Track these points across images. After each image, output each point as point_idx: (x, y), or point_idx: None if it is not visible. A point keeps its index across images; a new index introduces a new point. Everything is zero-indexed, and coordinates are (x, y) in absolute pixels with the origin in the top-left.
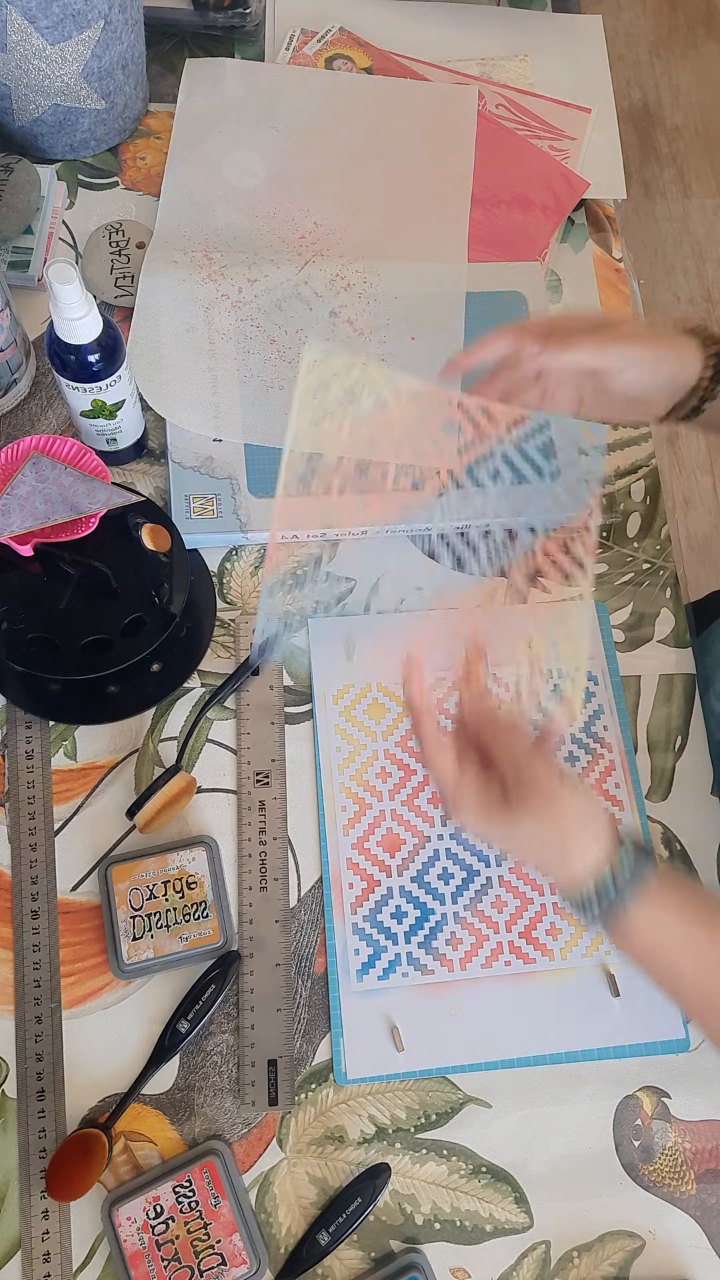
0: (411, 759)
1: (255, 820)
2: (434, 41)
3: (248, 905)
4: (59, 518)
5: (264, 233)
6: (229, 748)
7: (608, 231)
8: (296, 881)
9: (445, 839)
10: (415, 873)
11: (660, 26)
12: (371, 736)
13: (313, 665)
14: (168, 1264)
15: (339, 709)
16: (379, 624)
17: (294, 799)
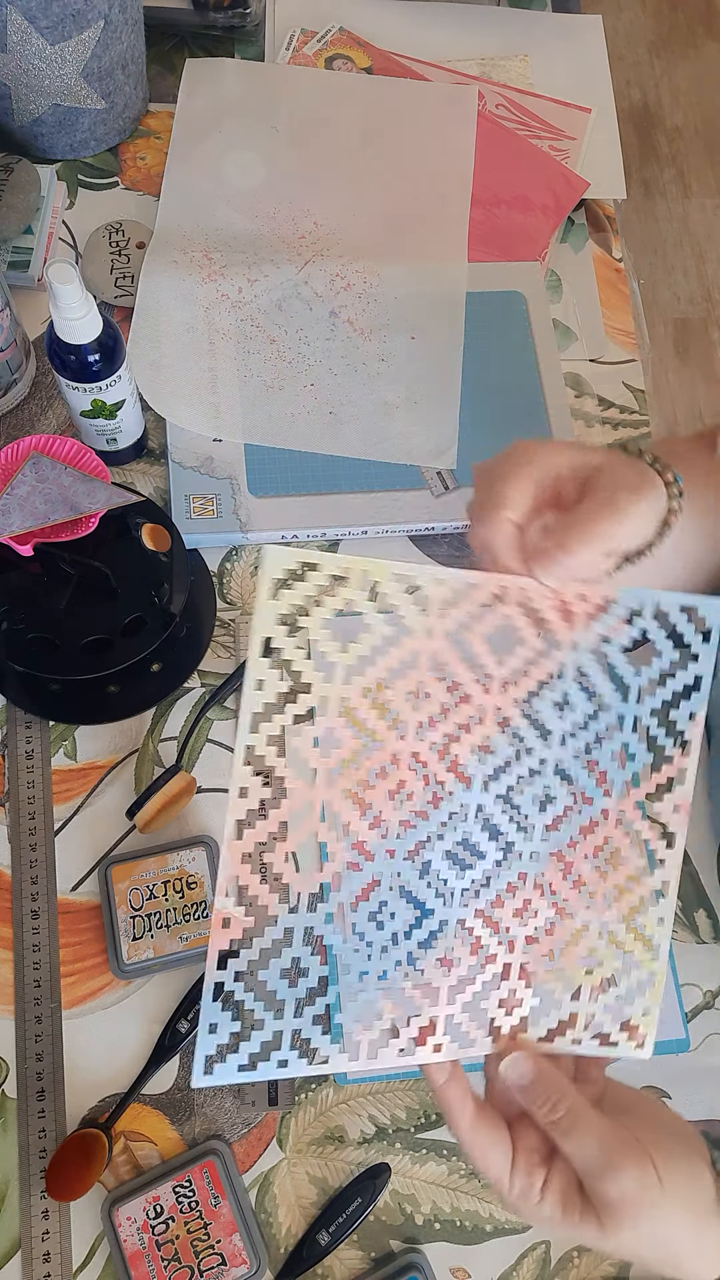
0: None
1: (255, 820)
2: (434, 41)
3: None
4: (59, 518)
5: (264, 233)
6: (229, 748)
7: (608, 231)
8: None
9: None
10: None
11: (660, 26)
12: (372, 736)
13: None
14: (168, 1264)
15: (339, 709)
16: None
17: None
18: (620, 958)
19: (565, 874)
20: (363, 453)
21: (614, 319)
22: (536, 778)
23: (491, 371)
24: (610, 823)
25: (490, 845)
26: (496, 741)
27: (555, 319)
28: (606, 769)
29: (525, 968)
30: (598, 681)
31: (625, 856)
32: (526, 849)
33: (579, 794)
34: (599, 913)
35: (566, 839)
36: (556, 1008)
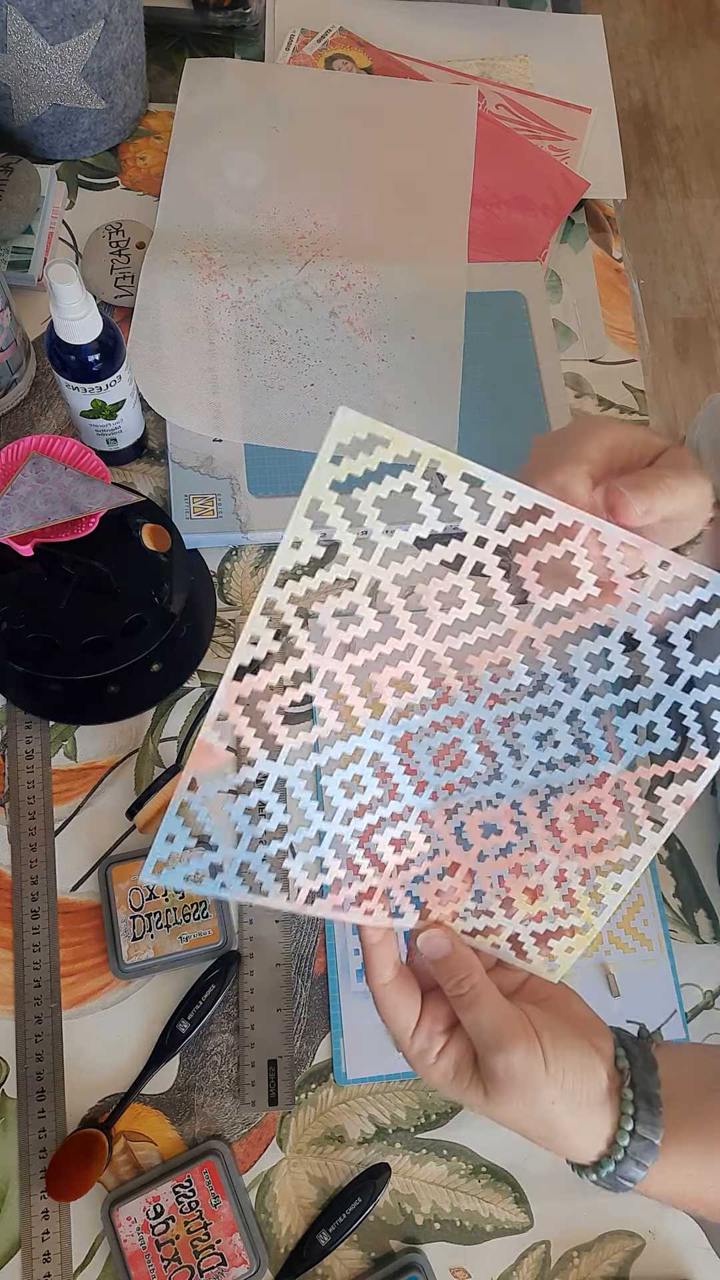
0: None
1: (255, 820)
2: (434, 41)
3: (248, 905)
4: (59, 518)
5: (264, 233)
6: (230, 748)
7: (608, 231)
8: None
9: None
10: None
11: (660, 26)
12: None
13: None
14: (168, 1264)
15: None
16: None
17: None
18: (564, 903)
19: (541, 812)
20: None
21: (614, 319)
22: (546, 717)
23: (491, 371)
24: (606, 787)
25: (477, 758)
26: (516, 668)
27: (555, 319)
28: (623, 738)
29: (471, 872)
30: (645, 652)
31: (608, 821)
32: (512, 775)
33: (585, 749)
34: (561, 858)
35: (556, 783)
36: (488, 916)
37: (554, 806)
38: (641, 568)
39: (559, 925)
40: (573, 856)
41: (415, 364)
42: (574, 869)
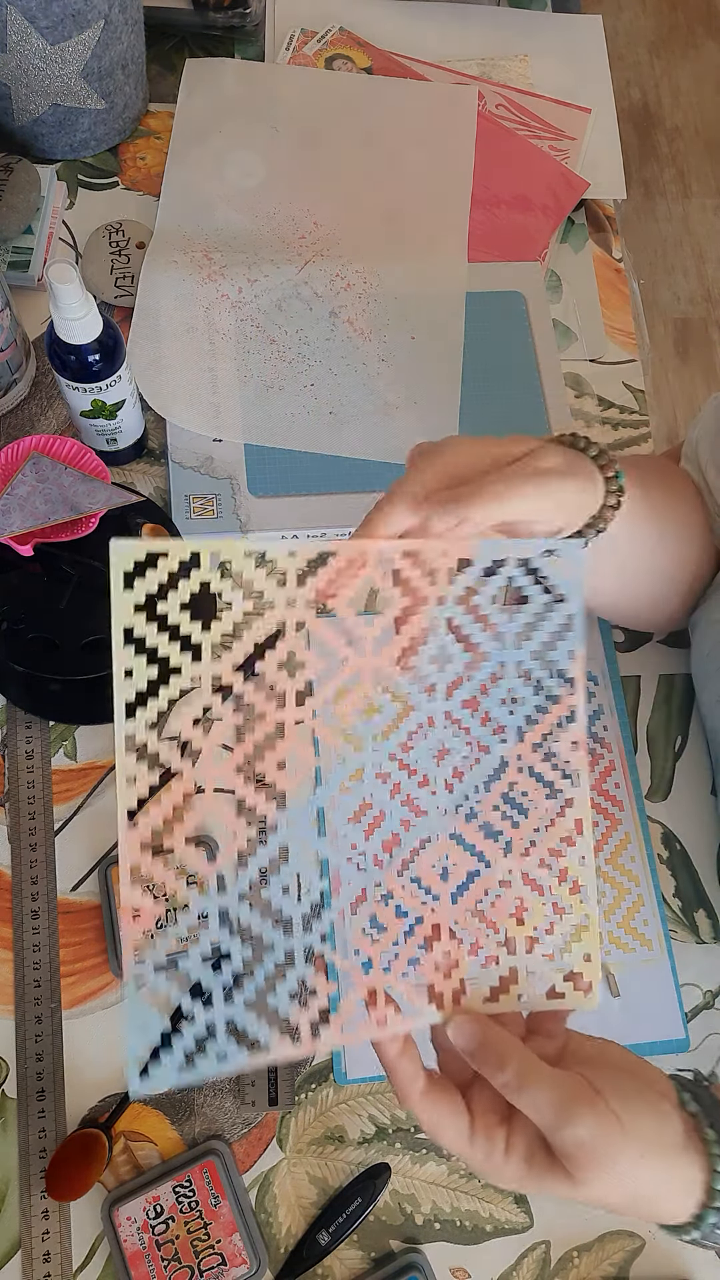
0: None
1: (255, 820)
2: (434, 41)
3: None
4: (59, 518)
5: (264, 233)
6: (229, 748)
7: (608, 231)
8: (297, 881)
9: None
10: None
11: (660, 26)
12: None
13: None
14: (168, 1264)
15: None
16: (379, 624)
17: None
18: (548, 903)
19: (477, 825)
20: (362, 453)
21: (614, 319)
22: (429, 731)
23: (491, 371)
24: (512, 769)
25: (393, 804)
26: (380, 700)
27: (555, 319)
28: (497, 715)
29: (455, 926)
30: (471, 632)
31: (534, 800)
32: (432, 804)
33: (475, 743)
34: (518, 860)
35: (472, 788)
36: (495, 964)
37: (482, 812)
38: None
39: (562, 936)
40: (527, 851)
41: (415, 364)
42: (534, 864)
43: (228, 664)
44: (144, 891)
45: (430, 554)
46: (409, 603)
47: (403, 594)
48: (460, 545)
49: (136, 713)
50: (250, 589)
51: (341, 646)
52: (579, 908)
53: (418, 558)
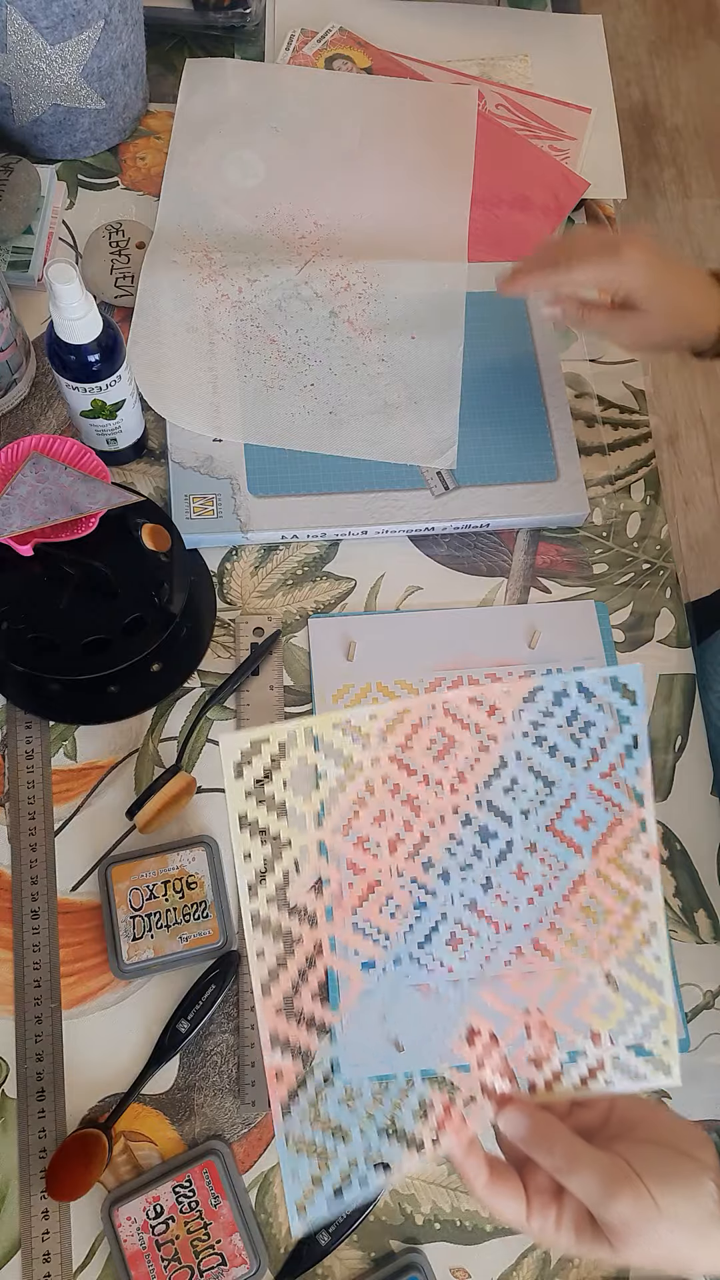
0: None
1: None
2: (434, 41)
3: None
4: (59, 518)
5: (264, 233)
6: (294, 1055)
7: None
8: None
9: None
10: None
11: (660, 26)
12: None
13: (313, 665)
14: (168, 1264)
15: (339, 709)
16: (379, 624)
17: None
18: (629, 999)
19: (559, 935)
20: (363, 453)
21: None
22: (509, 856)
23: (491, 371)
24: (589, 881)
25: (481, 924)
26: (463, 834)
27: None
28: (573, 835)
29: (544, 1026)
30: (540, 761)
31: (610, 908)
32: (517, 921)
33: (553, 862)
34: (599, 963)
35: (552, 904)
36: (584, 1056)
37: (564, 922)
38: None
39: (641, 1025)
40: (607, 954)
41: (415, 364)
42: (614, 964)
43: (328, 828)
44: (283, 1053)
45: (494, 696)
46: (480, 743)
47: (473, 734)
48: (522, 684)
49: (258, 891)
50: (340, 756)
51: (422, 792)
52: (656, 1000)
53: (483, 701)
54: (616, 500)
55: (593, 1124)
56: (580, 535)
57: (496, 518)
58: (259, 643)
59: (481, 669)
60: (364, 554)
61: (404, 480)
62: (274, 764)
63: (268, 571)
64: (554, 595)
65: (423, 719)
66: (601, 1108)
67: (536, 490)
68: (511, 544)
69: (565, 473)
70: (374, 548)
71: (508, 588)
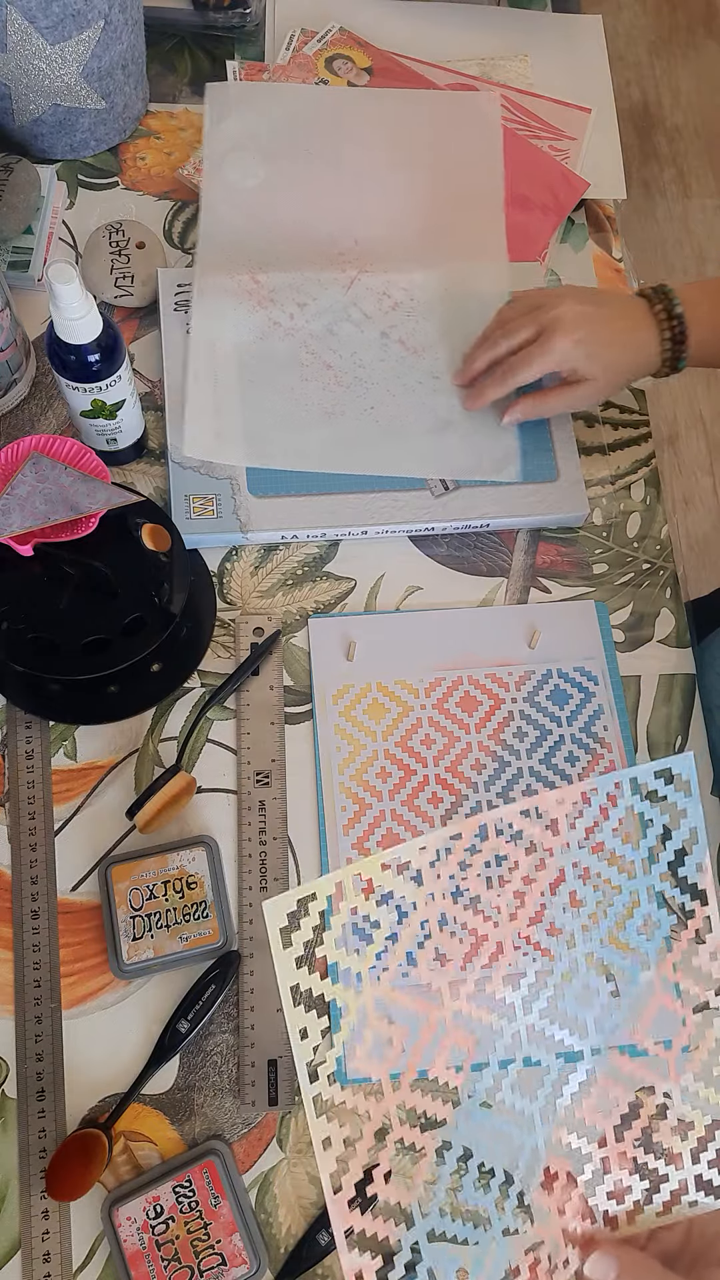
0: (411, 759)
1: (255, 820)
2: (434, 41)
3: (248, 905)
4: (59, 518)
5: (306, 254)
6: (229, 748)
7: (608, 231)
8: (296, 881)
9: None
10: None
11: (660, 26)
12: (371, 736)
13: (313, 665)
14: (168, 1264)
15: (339, 709)
16: (379, 624)
17: (294, 799)
18: (707, 1113)
19: (630, 1059)
20: (428, 472)
21: None
22: (574, 978)
23: None
24: (658, 993)
25: (549, 1057)
26: (523, 964)
27: None
28: (636, 945)
29: (623, 1155)
30: (599, 870)
31: (680, 1017)
32: (586, 1047)
33: (619, 975)
34: (675, 1079)
35: (621, 1022)
36: (664, 1181)
37: (638, 1040)
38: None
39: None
40: (683, 1069)
41: None
42: (690, 1080)
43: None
44: (361, 1251)
45: (547, 805)
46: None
47: (527, 853)
48: (573, 790)
49: (319, 1071)
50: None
51: (480, 924)
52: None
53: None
54: (616, 500)
55: (674, 1248)
56: (580, 535)
57: (496, 518)
58: (259, 643)
59: (482, 669)
60: (364, 554)
61: (404, 481)
62: (323, 921)
63: (268, 571)
64: (554, 595)
65: (474, 843)
66: (680, 1229)
67: (536, 490)
68: (511, 544)
69: (565, 473)
70: (374, 548)
71: (508, 588)
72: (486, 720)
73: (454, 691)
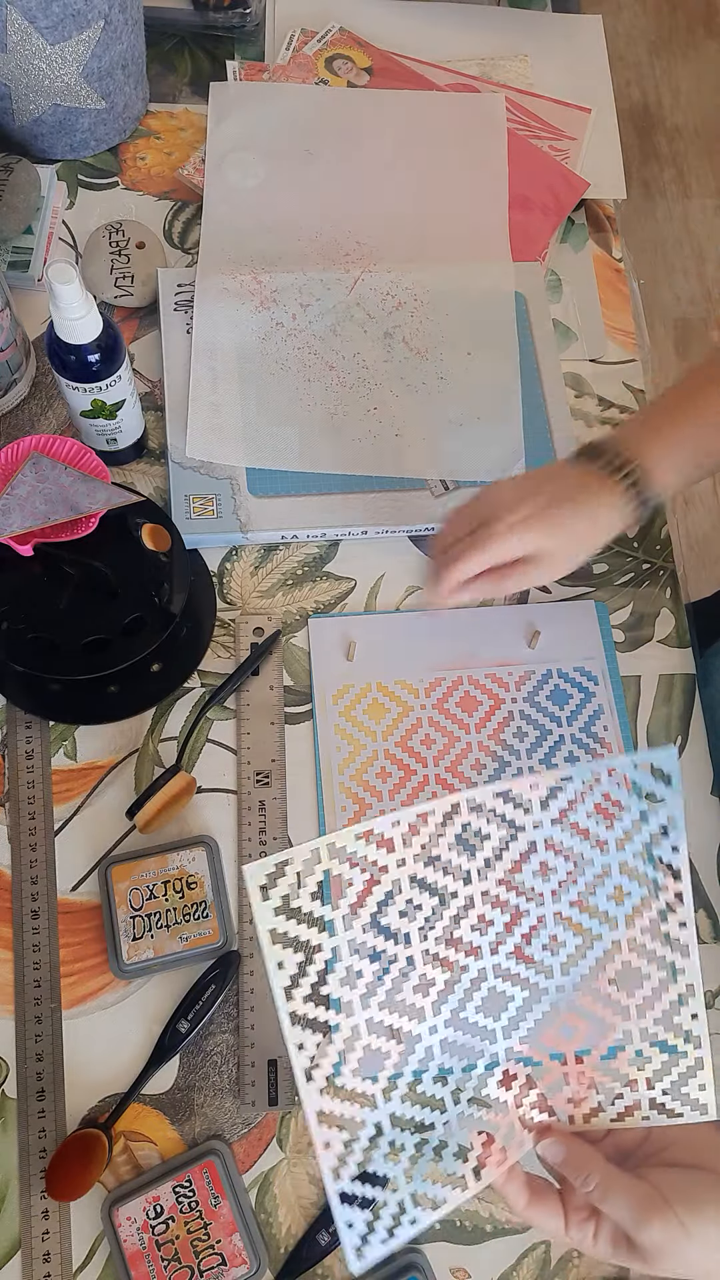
0: (411, 759)
1: (255, 820)
2: (434, 41)
3: (248, 905)
4: (59, 518)
5: (309, 255)
6: (229, 748)
7: (608, 231)
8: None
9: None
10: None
11: (660, 26)
12: (371, 736)
13: (313, 665)
14: (168, 1264)
15: (339, 709)
16: (379, 624)
17: (294, 799)
18: (665, 1052)
19: (594, 998)
20: (433, 473)
21: (614, 319)
22: (541, 929)
23: None
24: (624, 950)
25: (515, 990)
26: (492, 915)
27: (555, 319)
28: (605, 909)
29: (582, 1074)
30: (571, 845)
31: (645, 972)
32: (551, 985)
33: (587, 933)
34: (635, 1022)
35: (585, 970)
36: (620, 1099)
37: (600, 986)
38: None
39: (678, 1074)
40: (644, 1014)
41: (474, 378)
42: (650, 1022)
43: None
44: (329, 1126)
45: (521, 789)
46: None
47: (498, 829)
48: (549, 776)
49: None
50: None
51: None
52: (694, 1053)
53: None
54: None
55: (631, 1143)
56: None
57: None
58: (259, 643)
59: (482, 669)
60: (364, 554)
61: (403, 481)
62: (299, 880)
63: (268, 571)
64: (554, 595)
65: (447, 817)
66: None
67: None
68: None
69: None
70: (374, 548)
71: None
72: (486, 720)
73: (454, 691)
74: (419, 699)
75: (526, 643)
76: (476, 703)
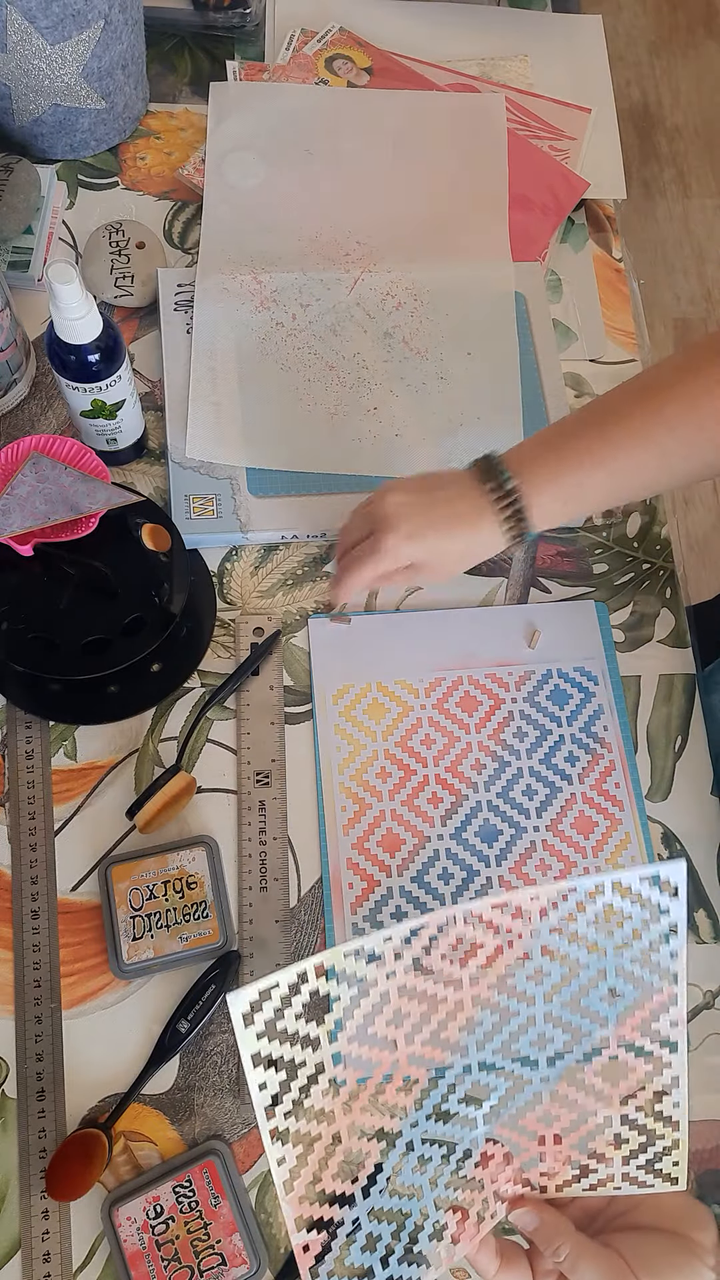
0: (411, 759)
1: (255, 820)
2: (434, 41)
3: (248, 905)
4: (59, 518)
5: (309, 255)
6: (229, 748)
7: (608, 231)
8: (296, 881)
9: (445, 839)
10: (415, 873)
11: (660, 26)
12: (371, 736)
13: (313, 665)
14: (168, 1264)
15: (339, 709)
16: (379, 624)
17: (294, 799)
18: (643, 1137)
19: (578, 1089)
20: None
21: (614, 319)
22: (530, 1029)
23: None
24: (612, 1047)
25: (499, 1081)
26: (481, 1016)
27: (555, 319)
28: (597, 1009)
29: (559, 1154)
30: (568, 951)
31: (631, 1066)
32: (535, 1077)
33: (575, 1031)
34: (616, 1109)
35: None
36: (593, 1173)
37: (585, 1078)
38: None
39: (654, 1152)
40: (627, 1103)
41: (474, 378)
42: (631, 1110)
43: (343, 1040)
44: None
45: (521, 901)
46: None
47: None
48: (550, 889)
49: (275, 1110)
50: (354, 979)
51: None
52: (671, 1135)
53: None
54: None
55: (597, 1206)
56: (580, 535)
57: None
58: (259, 643)
59: (482, 669)
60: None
61: None
62: (284, 1003)
63: (268, 571)
64: (554, 595)
65: (441, 927)
66: None
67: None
68: None
69: None
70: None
71: (507, 587)
72: (486, 720)
73: (454, 691)
74: (419, 699)
75: (526, 643)
76: (476, 703)
